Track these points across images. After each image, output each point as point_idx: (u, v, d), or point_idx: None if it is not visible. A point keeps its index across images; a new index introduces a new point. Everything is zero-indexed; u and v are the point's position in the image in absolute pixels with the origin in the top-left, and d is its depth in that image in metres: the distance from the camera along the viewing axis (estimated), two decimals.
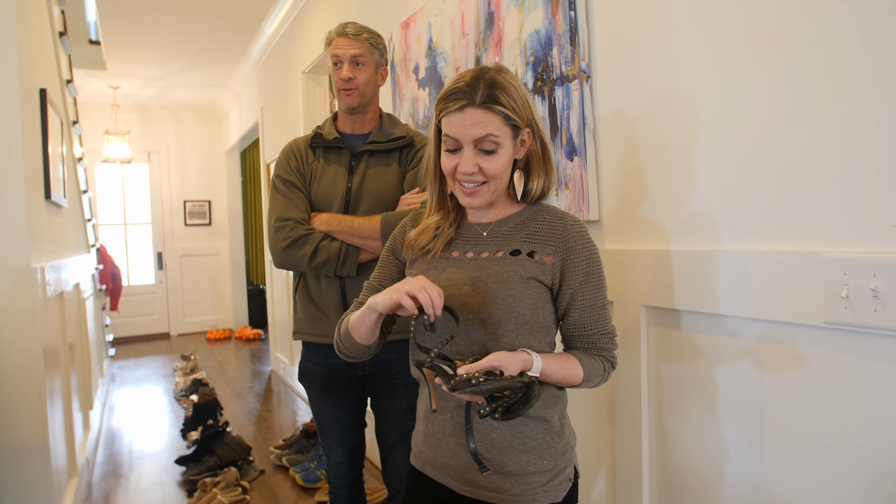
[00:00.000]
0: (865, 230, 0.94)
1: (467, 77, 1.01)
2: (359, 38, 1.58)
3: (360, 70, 1.58)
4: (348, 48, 1.57)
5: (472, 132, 0.99)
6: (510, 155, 1.03)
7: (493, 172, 1.01)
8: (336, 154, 1.64)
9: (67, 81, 3.25)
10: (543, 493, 1.03)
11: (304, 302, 1.65)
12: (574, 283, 1.04)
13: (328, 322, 1.60)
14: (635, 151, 1.36)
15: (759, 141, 1.09)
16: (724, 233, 1.17)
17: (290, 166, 1.63)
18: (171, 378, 5.14)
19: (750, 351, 1.14)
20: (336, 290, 1.58)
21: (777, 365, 1.09)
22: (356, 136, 1.66)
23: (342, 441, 1.67)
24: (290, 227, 1.54)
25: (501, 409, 0.89)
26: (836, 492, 1.01)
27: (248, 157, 7.22)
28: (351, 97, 1.59)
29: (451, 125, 1.00)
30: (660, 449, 1.36)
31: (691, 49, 1.21)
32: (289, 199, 1.58)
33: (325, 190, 1.61)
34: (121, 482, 2.98)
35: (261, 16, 4.40)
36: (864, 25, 0.92)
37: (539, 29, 1.60)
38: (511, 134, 1.02)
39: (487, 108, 0.98)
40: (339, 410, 1.65)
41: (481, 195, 1.04)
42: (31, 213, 1.94)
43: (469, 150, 1.00)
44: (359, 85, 1.58)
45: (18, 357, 1.85)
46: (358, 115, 1.63)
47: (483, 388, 0.86)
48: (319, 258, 1.52)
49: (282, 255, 1.55)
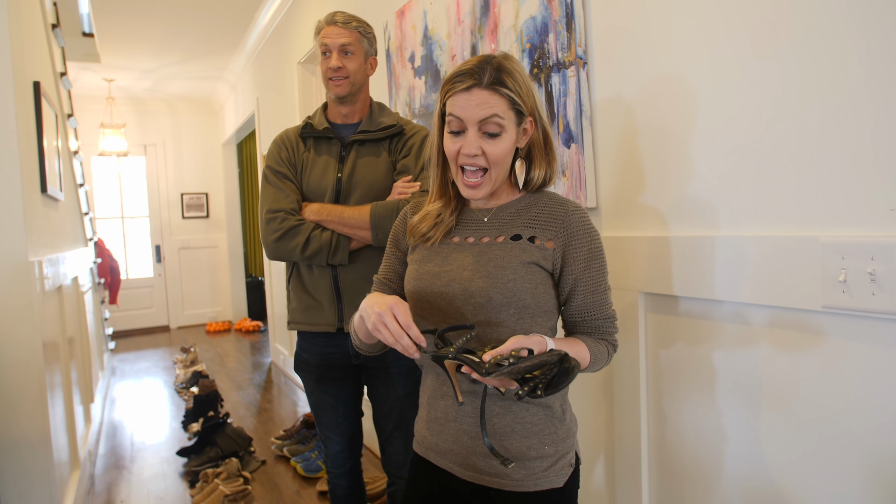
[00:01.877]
0: (863, 214, 0.94)
1: (474, 60, 1.02)
2: (348, 26, 1.58)
3: (350, 59, 1.58)
4: (337, 37, 1.57)
5: (478, 112, 0.99)
6: (513, 140, 1.03)
7: (496, 157, 1.01)
8: (326, 144, 1.64)
9: (61, 74, 3.23)
10: (545, 478, 1.03)
11: (298, 292, 1.65)
12: (576, 268, 1.04)
13: (322, 311, 1.60)
14: (632, 138, 1.36)
15: (755, 126, 1.09)
16: (722, 218, 1.17)
17: (281, 157, 1.63)
18: (171, 370, 5.15)
19: (748, 336, 1.14)
20: (329, 278, 1.59)
21: (775, 350, 1.09)
22: (346, 125, 1.66)
23: (339, 430, 1.67)
24: (280, 218, 1.55)
25: (542, 384, 0.85)
26: (833, 474, 1.01)
27: (244, 148, 7.19)
28: (340, 86, 1.58)
29: (457, 105, 1.00)
30: (658, 434, 1.36)
31: (688, 35, 1.20)
32: (279, 190, 1.59)
33: (316, 180, 1.61)
34: (123, 474, 3.00)
35: (255, 6, 4.36)
36: (860, 10, 0.92)
37: (535, 15, 1.59)
38: (515, 119, 1.02)
39: (494, 90, 0.99)
40: (336, 399, 1.65)
41: (483, 187, 1.04)
42: (28, 207, 1.93)
43: (473, 132, 1.01)
44: (348, 73, 1.58)
45: (18, 351, 1.85)
46: (348, 104, 1.63)
47: (519, 367, 0.84)
48: (311, 248, 1.52)
49: (274, 246, 1.55)
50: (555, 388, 0.85)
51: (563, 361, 0.86)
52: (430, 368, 1.12)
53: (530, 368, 0.85)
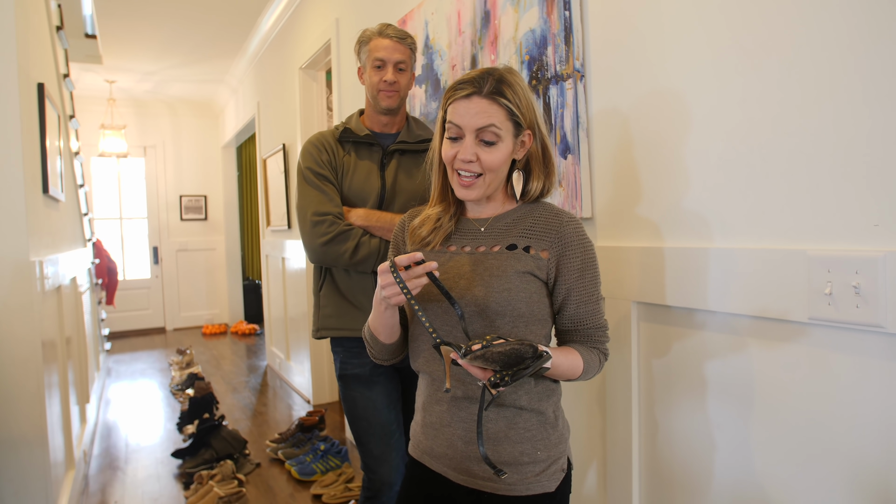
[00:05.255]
0: (849, 229, 0.96)
1: (478, 71, 1.05)
2: (403, 42, 1.61)
3: (402, 74, 1.61)
4: (393, 52, 1.59)
5: (476, 121, 1.02)
6: (509, 151, 1.06)
7: (490, 164, 1.04)
8: (367, 150, 1.65)
9: (64, 76, 3.25)
10: (537, 482, 1.05)
11: (334, 297, 1.63)
12: (570, 279, 1.06)
13: (364, 315, 1.56)
14: (628, 150, 1.39)
15: (747, 141, 1.12)
16: (714, 230, 1.20)
17: (322, 160, 1.61)
18: (166, 372, 5.15)
19: (738, 346, 1.17)
20: (371, 285, 1.58)
21: (763, 360, 1.12)
22: (385, 135, 1.67)
23: (393, 440, 1.59)
24: (329, 221, 1.54)
25: (509, 375, 0.89)
26: (818, 482, 1.04)
27: (244, 152, 7.22)
28: (392, 98, 1.61)
29: (457, 113, 1.04)
30: (650, 442, 1.39)
31: (683, 50, 1.24)
32: (324, 194, 1.57)
33: (360, 185, 1.61)
34: (117, 475, 3.00)
35: (257, 11, 4.40)
36: (848, 29, 0.95)
37: (534, 28, 1.62)
38: (513, 131, 1.05)
39: (493, 100, 1.02)
40: (388, 399, 1.60)
41: (476, 188, 1.07)
42: (30, 208, 1.95)
43: (470, 139, 1.04)
44: (400, 88, 1.61)
45: (17, 350, 1.87)
46: (391, 115, 1.65)
47: (493, 350, 0.88)
48: (361, 254, 1.52)
49: (321, 250, 1.54)
50: (520, 374, 0.90)
51: (535, 352, 0.90)
52: (426, 373, 1.14)
53: (502, 355, 0.88)
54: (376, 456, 1.60)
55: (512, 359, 0.89)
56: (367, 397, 1.60)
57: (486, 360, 0.89)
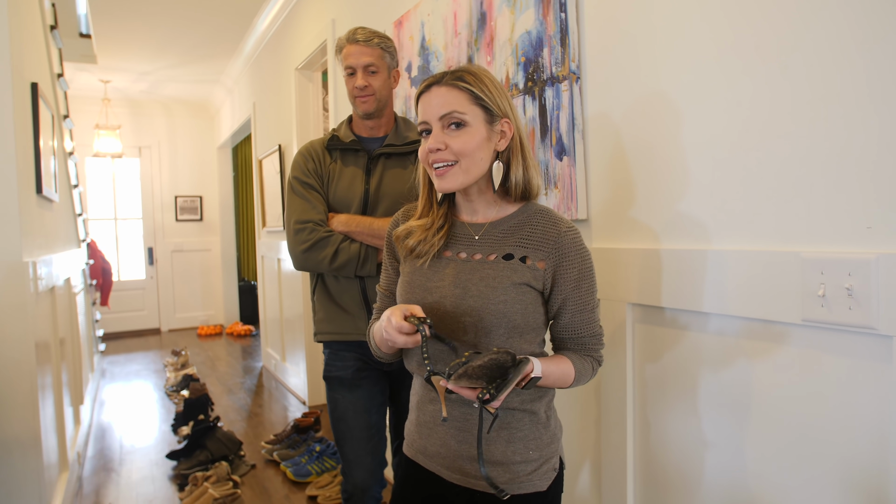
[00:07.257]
0: (842, 231, 0.97)
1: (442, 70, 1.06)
2: (370, 44, 1.59)
3: (374, 77, 1.60)
4: (360, 56, 1.58)
5: (438, 110, 1.03)
6: (482, 136, 1.03)
7: (460, 150, 1.02)
8: (353, 156, 1.65)
9: (58, 75, 3.24)
10: (528, 481, 1.06)
11: (324, 302, 1.65)
12: (566, 288, 1.06)
13: (352, 320, 1.60)
14: (623, 151, 1.39)
15: (741, 144, 1.12)
16: (709, 232, 1.20)
17: (308, 168, 1.63)
18: (161, 373, 5.13)
19: (732, 348, 1.17)
20: (357, 289, 1.59)
21: (757, 361, 1.12)
22: (372, 139, 1.67)
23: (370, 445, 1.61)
24: (309, 229, 1.55)
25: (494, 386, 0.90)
26: (810, 482, 1.04)
27: (239, 152, 7.20)
28: (367, 103, 1.60)
29: (421, 108, 1.05)
30: (644, 443, 1.39)
31: (677, 53, 1.24)
32: (307, 201, 1.59)
33: (344, 191, 1.62)
34: (112, 476, 2.99)
35: (253, 11, 4.39)
36: (842, 34, 0.95)
37: (530, 30, 1.63)
38: (483, 116, 1.03)
39: (452, 86, 1.03)
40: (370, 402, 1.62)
41: (452, 176, 1.04)
42: (23, 208, 1.94)
43: (437, 128, 1.04)
44: (374, 91, 1.60)
45: (10, 351, 1.86)
46: (374, 119, 1.64)
47: (473, 364, 0.88)
48: (340, 259, 1.53)
49: (302, 257, 1.56)
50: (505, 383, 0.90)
51: (514, 359, 0.90)
52: (419, 372, 1.14)
53: (483, 368, 0.88)
54: (350, 459, 1.62)
55: (494, 370, 0.89)
56: (348, 400, 1.62)
57: (469, 377, 0.89)
